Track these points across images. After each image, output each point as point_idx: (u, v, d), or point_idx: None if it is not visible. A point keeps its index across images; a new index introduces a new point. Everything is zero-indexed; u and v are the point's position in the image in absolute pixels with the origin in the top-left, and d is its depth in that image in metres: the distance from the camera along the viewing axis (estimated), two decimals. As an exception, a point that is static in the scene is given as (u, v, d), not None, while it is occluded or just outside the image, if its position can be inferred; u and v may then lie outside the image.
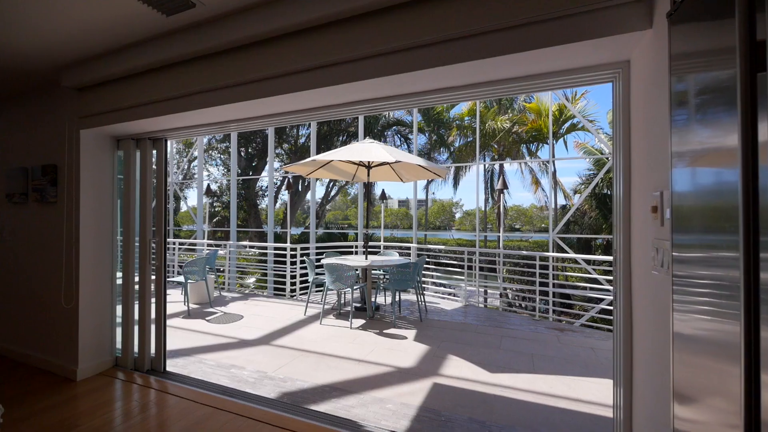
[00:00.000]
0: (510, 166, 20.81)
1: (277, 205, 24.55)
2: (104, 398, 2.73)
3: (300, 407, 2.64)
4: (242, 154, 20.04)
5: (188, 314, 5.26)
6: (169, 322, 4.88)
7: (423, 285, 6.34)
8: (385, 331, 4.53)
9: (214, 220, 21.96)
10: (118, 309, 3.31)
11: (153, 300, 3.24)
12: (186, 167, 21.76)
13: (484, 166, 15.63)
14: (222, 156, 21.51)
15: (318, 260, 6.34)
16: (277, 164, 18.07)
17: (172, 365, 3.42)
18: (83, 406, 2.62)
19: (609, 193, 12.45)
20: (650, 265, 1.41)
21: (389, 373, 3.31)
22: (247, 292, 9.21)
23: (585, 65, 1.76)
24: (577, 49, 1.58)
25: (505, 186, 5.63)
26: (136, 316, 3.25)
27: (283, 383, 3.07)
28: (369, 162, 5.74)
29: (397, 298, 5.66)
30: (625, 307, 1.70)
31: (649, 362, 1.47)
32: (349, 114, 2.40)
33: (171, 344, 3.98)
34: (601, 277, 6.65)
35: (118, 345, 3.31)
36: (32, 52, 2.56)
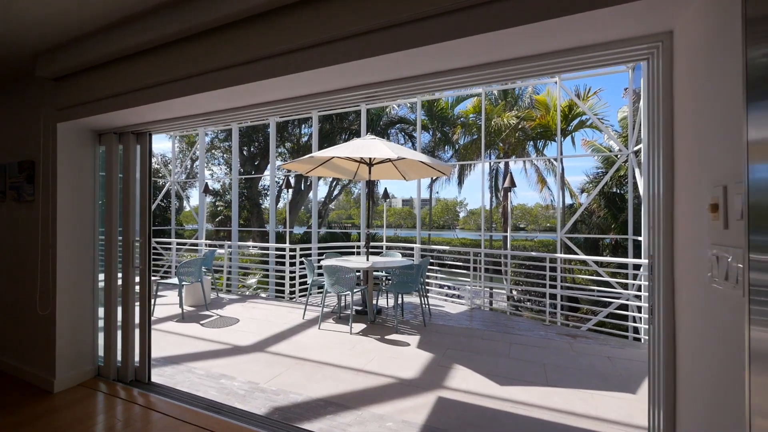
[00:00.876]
0: (515, 165, 20.49)
1: (281, 204, 24.42)
2: (80, 414, 2.52)
3: (291, 426, 2.41)
4: (244, 153, 19.89)
5: (182, 318, 5.06)
6: (162, 326, 4.69)
7: (427, 287, 6.10)
8: (386, 337, 4.29)
9: (217, 219, 21.85)
10: (102, 314, 3.10)
11: (137, 305, 3.02)
12: (189, 166, 21.68)
13: (490, 164, 15.35)
14: (225, 155, 21.38)
15: (318, 261, 6.12)
16: (279, 163, 17.86)
17: (159, 374, 3.21)
18: (57, 422, 2.41)
19: (618, 191, 12.12)
20: (704, 275, 1.16)
21: (390, 385, 3.07)
22: (247, 293, 9.01)
23: (612, 39, 1.49)
24: (602, 18, 1.31)
25: (512, 184, 5.37)
26: (120, 323, 3.03)
27: (275, 396, 2.84)
28: (370, 159, 5.50)
29: (399, 301, 5.42)
30: (667, 322, 1.44)
31: (703, 385, 1.22)
32: (349, 100, 2.15)
33: (161, 351, 3.77)
34: (613, 280, 6.37)
35: (102, 353, 3.10)
36: (3, 40, 2.35)
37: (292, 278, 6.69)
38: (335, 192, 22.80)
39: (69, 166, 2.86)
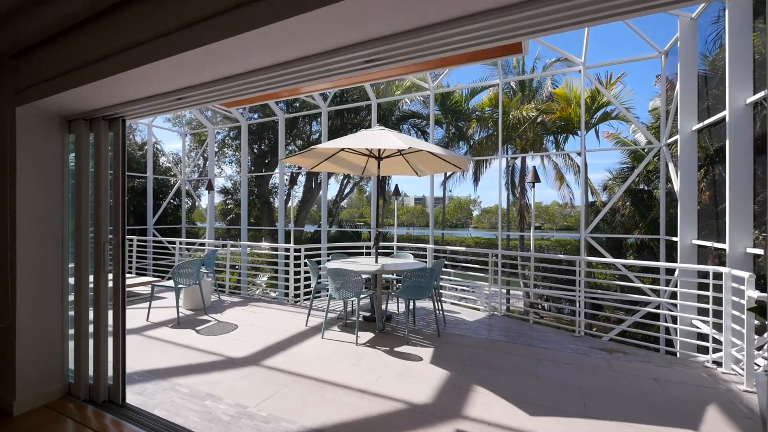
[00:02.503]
0: (532, 162, 19.72)
1: (293, 202, 24.22)
2: (36, 445, 2.16)
3: (278, 468, 1.99)
4: (255, 150, 19.72)
5: (178, 323, 4.72)
6: (155, 332, 4.35)
7: (441, 291, 5.63)
8: (396, 350, 3.84)
9: (228, 217, 21.78)
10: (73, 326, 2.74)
11: (111, 315, 2.65)
12: (201, 165, 21.65)
13: (507, 159, 14.70)
14: (236, 153, 21.28)
15: (326, 262, 5.70)
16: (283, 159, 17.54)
17: (139, 392, 2.84)
18: (8, 455, 2.05)
19: (646, 188, 11.35)
20: None
21: (399, 412, 2.63)
22: (249, 295, 8.71)
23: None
24: None
25: (536, 179, 4.85)
26: (92, 335, 2.67)
27: (264, 425, 2.42)
28: (379, 152, 5.05)
29: (411, 307, 4.97)
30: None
31: None
32: (355, 62, 1.70)
33: (148, 362, 3.42)
34: (647, 287, 5.76)
35: (74, 369, 2.74)
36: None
37: (296, 280, 6.31)
38: (346, 190, 22.46)
39: (32, 156, 2.51)
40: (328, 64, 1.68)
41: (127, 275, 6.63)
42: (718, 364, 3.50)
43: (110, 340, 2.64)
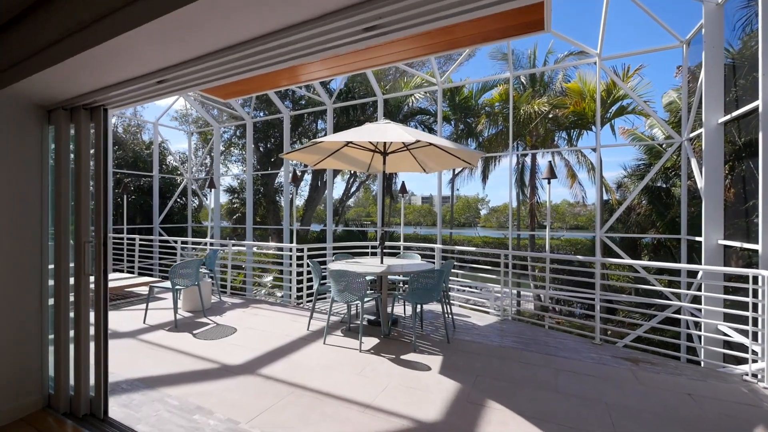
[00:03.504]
0: (543, 159, 19.31)
1: (300, 201, 24.09)
2: (3, 466, 1.95)
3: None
4: (261, 149, 19.61)
5: (175, 326, 4.53)
6: (150, 336, 4.16)
7: (450, 293, 5.35)
8: (402, 357, 3.59)
9: (234, 216, 21.73)
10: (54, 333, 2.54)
11: (92, 320, 2.44)
12: (209, 164, 21.64)
13: (517, 156, 14.33)
14: (242, 152, 21.23)
15: (329, 263, 5.47)
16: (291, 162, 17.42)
17: (125, 404, 2.64)
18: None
19: (664, 185, 10.90)
20: None
21: (405, 431, 2.37)
22: (252, 296, 8.53)
23: None
24: None
25: (552, 175, 4.56)
26: (72, 343, 2.46)
27: (256, 445, 2.19)
28: (385, 147, 4.79)
29: (418, 309, 4.71)
30: None
31: None
32: (337, 40, 1.46)
33: (139, 369, 3.23)
34: (669, 291, 5.41)
35: (53, 377, 2.54)
36: None
37: (300, 281, 6.09)
38: (353, 188, 22.25)
39: (7, 149, 2.31)
40: (324, 33, 1.43)
41: (127, 275, 6.49)
42: (757, 377, 3.18)
43: (92, 348, 2.44)
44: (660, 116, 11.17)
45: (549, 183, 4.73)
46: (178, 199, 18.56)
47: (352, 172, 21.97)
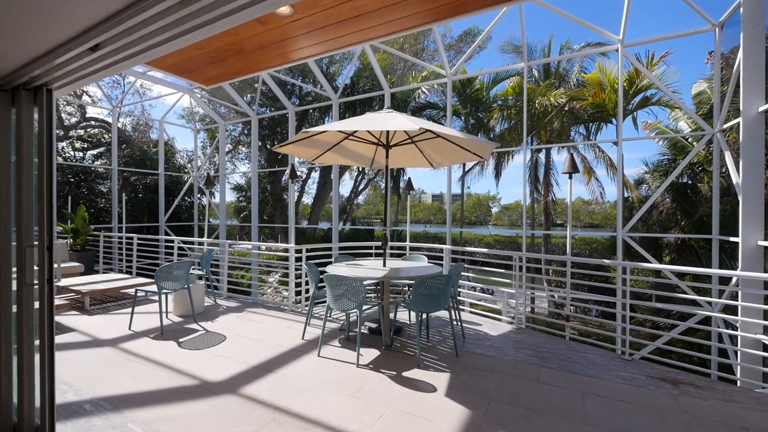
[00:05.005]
0: (557, 156, 18.61)
1: (308, 199, 23.81)
2: None
3: None
4: (268, 146, 19.38)
5: (161, 333, 4.21)
6: (132, 345, 3.84)
7: (459, 297, 4.92)
8: (404, 375, 3.18)
9: (242, 215, 21.58)
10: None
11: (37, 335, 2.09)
12: (216, 162, 21.53)
13: (531, 152, 13.74)
14: (250, 150, 21.05)
15: (324, 265, 5.08)
16: (296, 161, 17.12)
17: (82, 430, 2.29)
18: None
19: (690, 182, 10.21)
20: None
21: (404, 475, 1.96)
22: (256, 296, 8.23)
23: None
24: None
25: (574, 169, 4.07)
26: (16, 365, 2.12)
27: (220, 493, 1.81)
28: (388, 139, 4.38)
29: (424, 317, 4.30)
30: None
31: None
32: None
33: (110, 385, 2.89)
34: (703, 299, 4.85)
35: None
36: None
37: (299, 284, 5.73)
38: (360, 186, 21.87)
39: (-65, 137, 1.97)
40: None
41: (120, 276, 6.18)
42: (826, 406, 2.67)
43: (37, 369, 2.09)
44: (688, 107, 10.44)
45: (570, 178, 4.25)
46: (187, 197, 18.49)
47: (360, 169, 21.60)
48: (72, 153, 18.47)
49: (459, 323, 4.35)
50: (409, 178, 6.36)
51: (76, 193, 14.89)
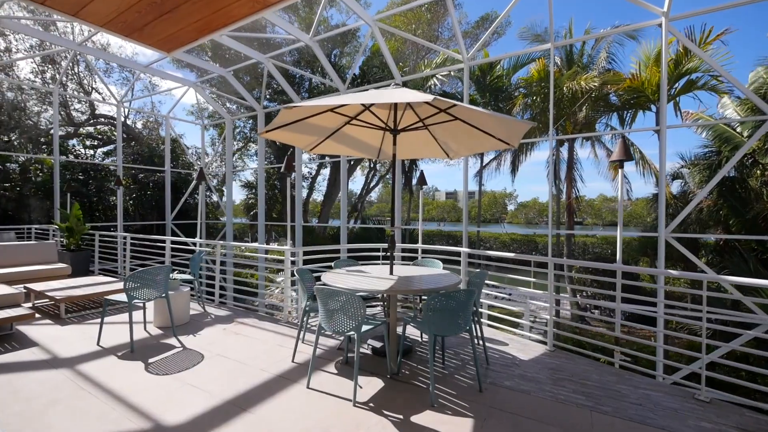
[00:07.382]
0: (581, 150, 17.52)
1: (319, 197, 23.26)
2: None
3: None
4: (277, 142, 18.89)
5: (131, 350, 3.60)
6: (92, 366, 3.25)
7: (481, 310, 4.16)
8: (413, 420, 2.46)
9: (252, 212, 21.20)
10: None
11: None
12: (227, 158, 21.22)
13: (554, 144, 12.76)
14: (258, 147, 20.66)
15: (334, 267, 4.39)
16: (305, 156, 16.60)
17: None
18: None
19: (739, 176, 9.11)
20: None
21: None
22: (261, 299, 7.63)
23: None
24: None
25: (627, 156, 3.26)
26: None
27: None
28: (395, 121, 3.65)
29: (438, 339, 3.56)
30: None
31: None
32: None
33: (38, 429, 2.27)
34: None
35: None
36: None
37: (294, 290, 5.08)
38: (372, 183, 21.17)
39: None
40: None
41: (107, 279, 5.52)
42: None
43: None
44: (738, 95, 9.32)
45: (621, 167, 3.45)
46: (196, 195, 18.16)
47: (372, 164, 20.87)
48: (83, 151, 18.39)
49: (481, 343, 3.61)
50: (422, 171, 5.63)
51: (82, 191, 14.70)
